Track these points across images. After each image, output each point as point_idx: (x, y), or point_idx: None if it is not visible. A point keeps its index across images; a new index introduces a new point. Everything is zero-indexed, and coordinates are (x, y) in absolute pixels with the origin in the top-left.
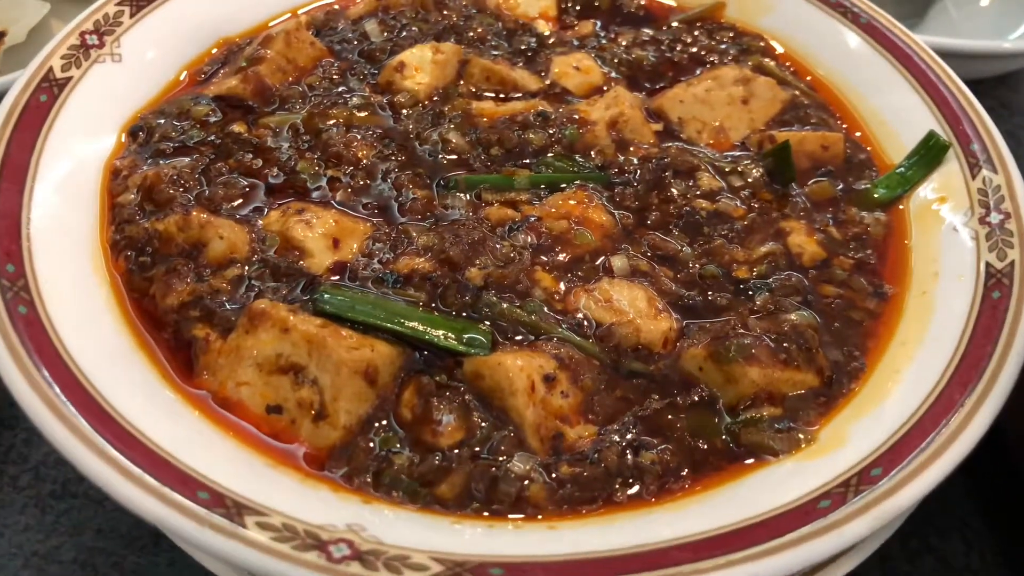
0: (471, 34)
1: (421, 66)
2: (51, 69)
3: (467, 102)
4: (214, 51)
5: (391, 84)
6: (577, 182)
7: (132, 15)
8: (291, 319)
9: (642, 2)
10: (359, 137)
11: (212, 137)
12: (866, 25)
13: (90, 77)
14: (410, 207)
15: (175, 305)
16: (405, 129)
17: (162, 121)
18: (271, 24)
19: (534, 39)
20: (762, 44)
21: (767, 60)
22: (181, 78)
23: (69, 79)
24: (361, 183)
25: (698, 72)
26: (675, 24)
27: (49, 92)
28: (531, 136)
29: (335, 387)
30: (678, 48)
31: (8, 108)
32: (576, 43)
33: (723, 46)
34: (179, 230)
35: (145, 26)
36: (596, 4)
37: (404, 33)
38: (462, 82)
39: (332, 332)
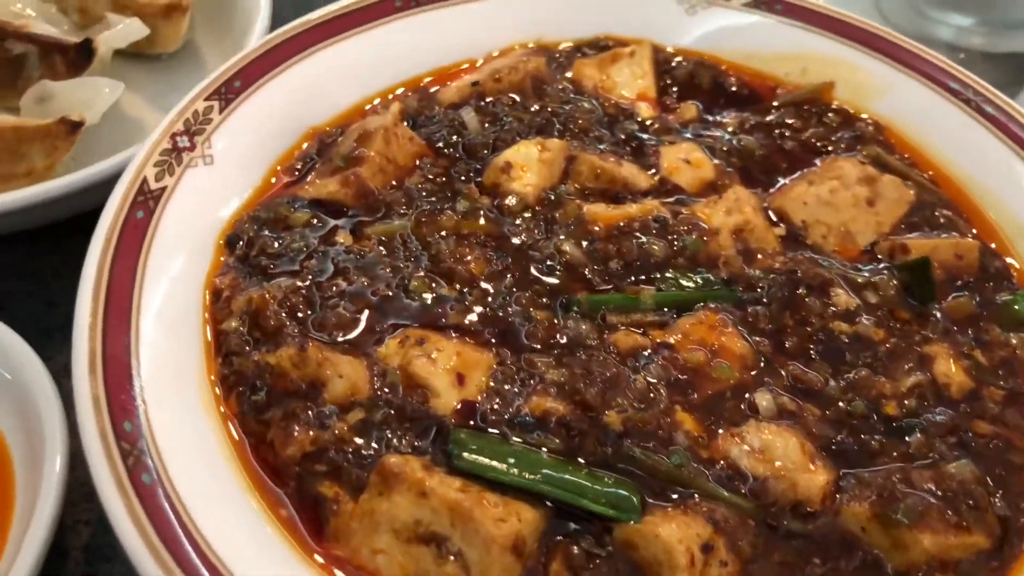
0: (573, 126)
1: (527, 165)
2: (145, 180)
3: (579, 206)
4: (304, 145)
5: (498, 186)
6: (706, 302)
7: (221, 110)
8: (428, 482)
9: (744, 80)
10: (470, 249)
11: (315, 249)
12: (991, 116)
13: (184, 184)
14: (532, 332)
15: (297, 456)
16: (515, 237)
17: (261, 231)
18: (365, 108)
19: (636, 125)
20: (875, 131)
21: (884, 152)
22: (272, 181)
23: (163, 190)
24: (477, 304)
25: (816, 163)
26: (780, 105)
27: (145, 207)
28: (652, 248)
29: (483, 564)
30: (787, 134)
31: (107, 230)
32: (680, 129)
33: (837, 134)
34: (294, 366)
35: (234, 122)
36: (696, 83)
37: (505, 125)
38: (569, 182)
39: (475, 500)
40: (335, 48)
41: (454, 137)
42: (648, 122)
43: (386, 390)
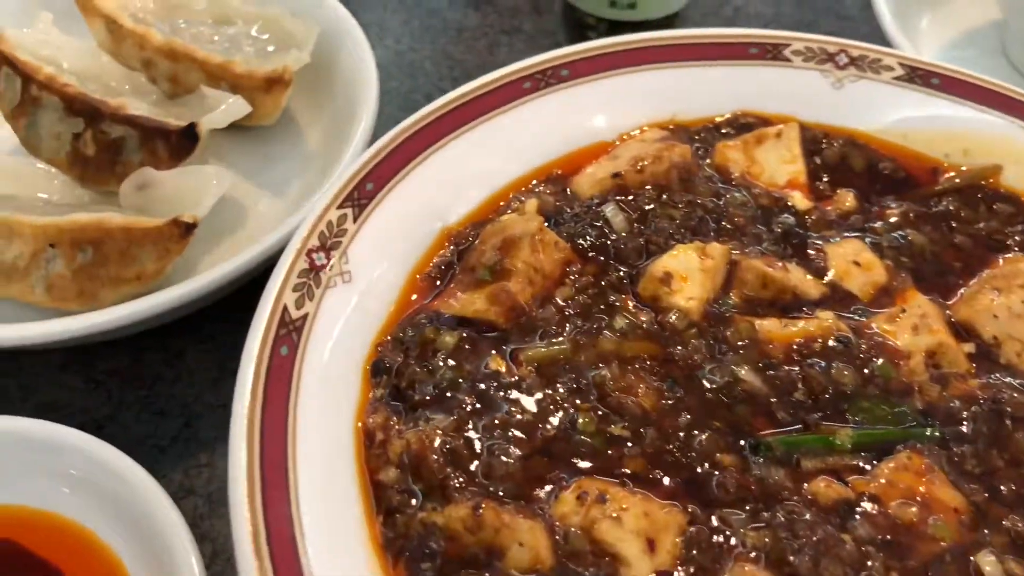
0: (728, 223)
1: (688, 275)
2: (286, 309)
3: (750, 323)
4: (441, 252)
5: (657, 300)
6: (907, 441)
7: (355, 218)
8: None
9: (899, 162)
10: (637, 378)
11: (469, 380)
12: None
13: (324, 309)
14: (721, 482)
15: None
16: (685, 362)
17: (408, 358)
18: (498, 204)
19: (793, 219)
20: None
21: None
22: (412, 298)
23: (305, 318)
24: (655, 446)
25: (994, 261)
26: (943, 192)
27: (288, 341)
28: (841, 375)
29: None
30: (956, 226)
31: (252, 377)
32: (840, 222)
33: (1013, 226)
34: (467, 530)
35: (368, 230)
36: (848, 165)
37: (655, 224)
38: (733, 291)
39: None
40: (464, 139)
41: (600, 239)
42: (805, 215)
43: (571, 559)
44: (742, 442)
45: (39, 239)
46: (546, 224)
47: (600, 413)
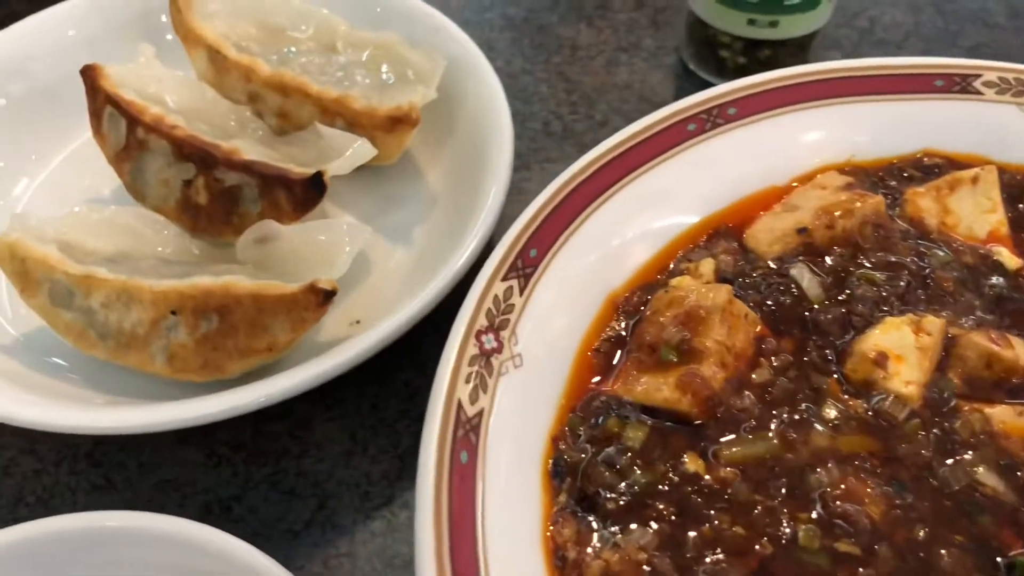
0: (936, 288)
1: (903, 354)
2: (460, 407)
3: (980, 412)
4: (610, 323)
5: (869, 384)
6: None
7: (521, 290)
8: None
9: None
10: (859, 481)
11: (665, 483)
12: None
13: (499, 402)
14: None
15: None
16: (912, 462)
17: (591, 456)
18: (668, 265)
19: (1003, 280)
20: None
21: None
22: (585, 379)
23: (480, 415)
24: (889, 566)
25: None
26: None
27: (467, 444)
28: None
29: None
30: None
31: (432, 494)
32: None
33: None
34: None
35: (535, 303)
36: None
37: (854, 290)
38: (950, 372)
39: None
40: (626, 191)
41: (793, 308)
42: (1017, 275)
43: None
44: (997, 559)
45: (159, 306)
46: (727, 287)
47: (822, 525)
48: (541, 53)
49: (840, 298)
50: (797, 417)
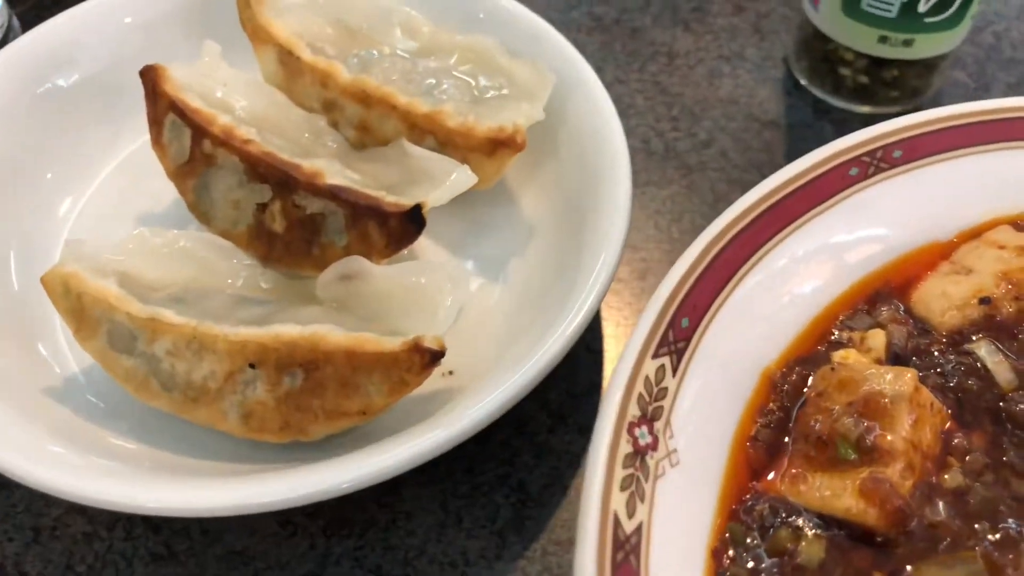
0: None
1: None
2: (618, 523)
3: None
4: (768, 406)
5: None
6: None
7: (675, 369)
8: None
9: None
10: None
11: None
12: None
13: (658, 512)
14: None
15: None
16: None
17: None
18: (828, 336)
19: None
20: None
21: None
22: (744, 477)
23: (639, 531)
24: None
25: None
26: None
27: (627, 571)
28: None
29: None
30: None
31: None
32: None
33: None
34: None
35: (689, 386)
36: None
37: None
38: None
39: None
40: (783, 247)
41: (981, 395)
42: None
43: None
44: None
45: (236, 357)
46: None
47: None
48: (635, 60)
49: None
50: (999, 535)
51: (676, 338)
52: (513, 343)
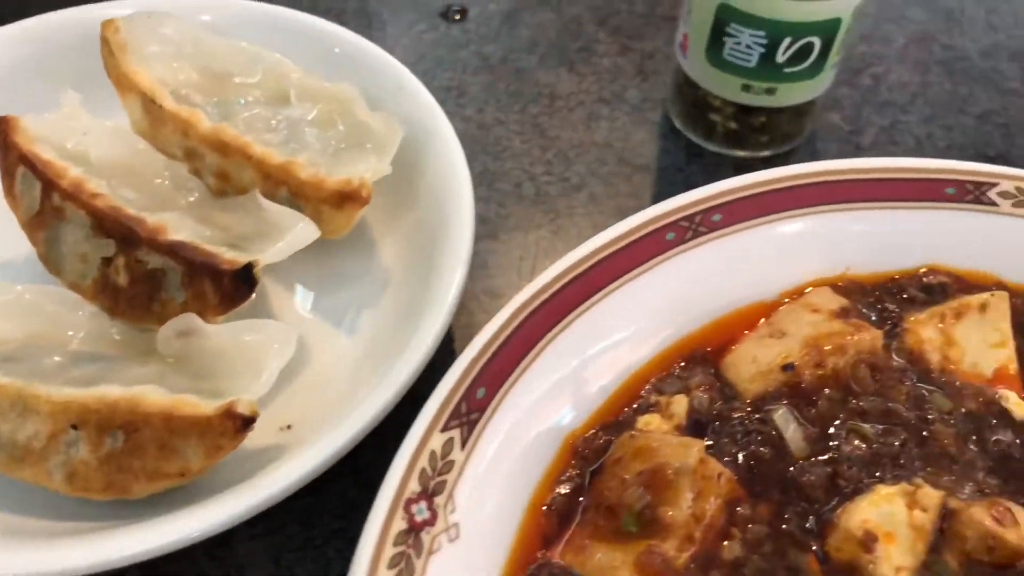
0: (935, 446)
1: (893, 530)
2: None
3: None
4: (567, 471)
5: (854, 568)
6: None
7: (463, 442)
8: None
9: None
10: None
11: None
12: None
13: None
14: None
15: None
16: None
17: None
18: (630, 402)
19: (1010, 435)
20: None
21: None
22: (533, 545)
23: None
24: None
25: None
26: None
27: None
28: None
29: None
30: None
31: None
32: None
33: None
34: None
35: (479, 457)
36: None
37: (842, 448)
38: (948, 554)
39: None
40: (592, 312)
41: (773, 464)
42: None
43: None
44: None
45: (59, 418)
46: (706, 445)
47: None
48: (517, 101)
49: (827, 455)
50: None
51: (469, 409)
52: (354, 394)
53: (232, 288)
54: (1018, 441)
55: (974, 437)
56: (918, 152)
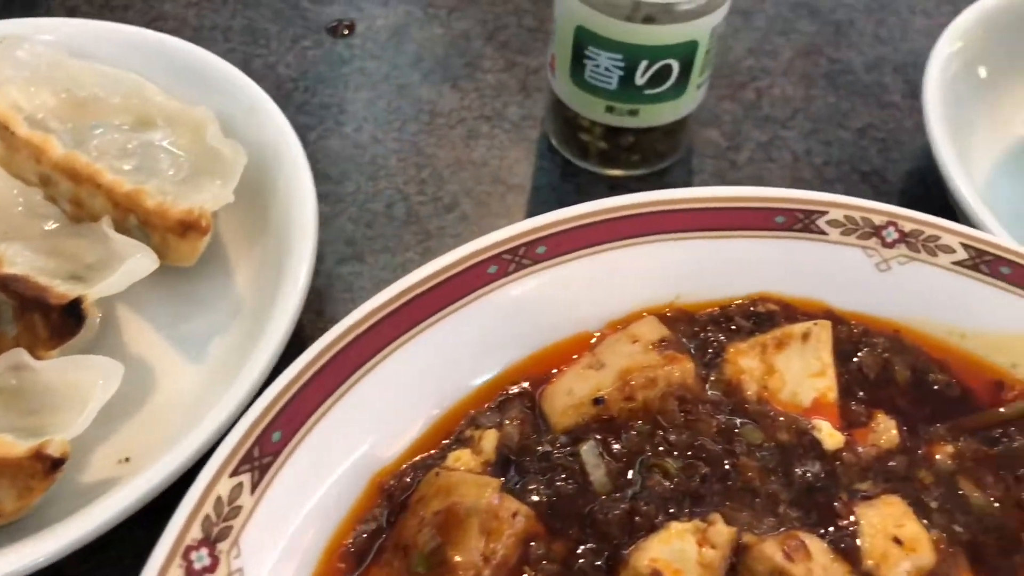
0: (739, 480)
1: (683, 568)
2: None
3: None
4: (371, 511)
5: None
6: None
7: (254, 486)
8: None
9: (953, 371)
10: None
11: None
12: None
13: None
14: None
15: None
16: None
17: None
18: (442, 440)
19: (818, 466)
20: None
21: None
22: None
23: None
24: None
25: None
26: (1007, 418)
27: None
28: None
29: None
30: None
31: None
32: (876, 464)
33: None
34: None
35: (271, 501)
36: (891, 378)
37: (643, 481)
38: None
39: None
40: (405, 349)
41: (574, 501)
42: (834, 458)
43: None
44: None
45: None
46: (506, 476)
47: None
48: (397, 119)
49: (630, 490)
50: None
51: (262, 453)
52: (199, 424)
53: (60, 322)
54: (823, 473)
55: (780, 470)
56: (795, 168)
